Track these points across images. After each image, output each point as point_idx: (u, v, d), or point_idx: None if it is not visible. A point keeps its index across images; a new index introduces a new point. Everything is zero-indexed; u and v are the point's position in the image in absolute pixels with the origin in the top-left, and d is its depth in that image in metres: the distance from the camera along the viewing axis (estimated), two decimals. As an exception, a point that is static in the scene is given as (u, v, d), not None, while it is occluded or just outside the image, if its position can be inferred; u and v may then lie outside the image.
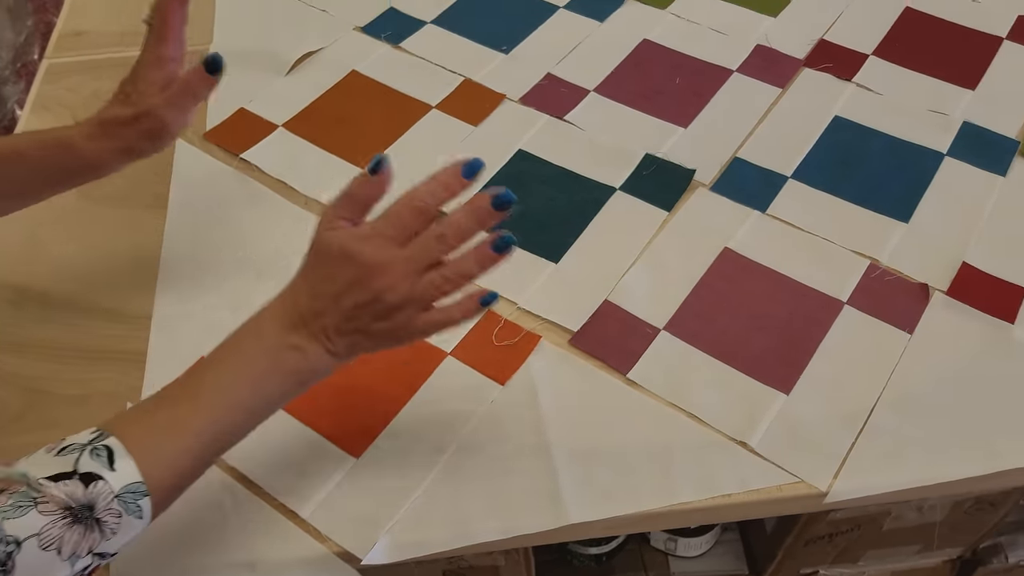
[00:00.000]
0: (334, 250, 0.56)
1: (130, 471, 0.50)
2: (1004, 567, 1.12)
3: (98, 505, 0.48)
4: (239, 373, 0.55)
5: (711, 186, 0.88)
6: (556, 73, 1.00)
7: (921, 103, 0.96)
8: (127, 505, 0.49)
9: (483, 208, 0.56)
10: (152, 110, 0.66)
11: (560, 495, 0.67)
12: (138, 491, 0.50)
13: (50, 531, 0.46)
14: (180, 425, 0.53)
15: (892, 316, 0.77)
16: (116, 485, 0.49)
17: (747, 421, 0.71)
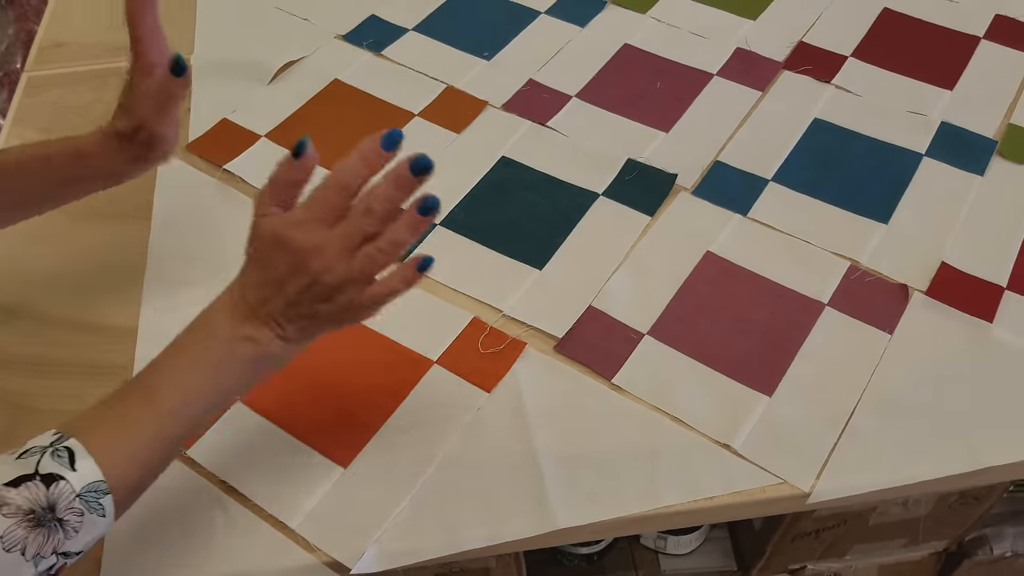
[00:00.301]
0: (267, 237, 0.56)
1: (91, 470, 0.50)
2: (989, 559, 1.13)
3: (59, 505, 0.49)
4: (195, 366, 0.56)
5: (693, 190, 0.89)
6: (538, 79, 1.01)
7: (900, 104, 0.97)
8: (89, 504, 0.50)
9: (403, 176, 0.56)
10: (146, 124, 0.67)
11: (547, 500, 0.67)
12: (99, 490, 0.50)
13: (13, 533, 0.47)
14: (139, 421, 0.54)
15: (872, 317, 0.78)
16: (77, 485, 0.50)
17: (730, 424, 0.71)
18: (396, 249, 0.57)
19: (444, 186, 0.89)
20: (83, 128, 0.94)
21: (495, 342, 0.77)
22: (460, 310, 0.80)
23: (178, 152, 0.94)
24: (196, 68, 1.03)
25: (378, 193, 0.57)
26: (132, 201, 0.89)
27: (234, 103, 0.99)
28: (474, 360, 0.76)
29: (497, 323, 0.79)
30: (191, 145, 0.94)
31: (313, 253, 0.55)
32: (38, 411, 0.74)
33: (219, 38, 1.07)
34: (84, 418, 0.54)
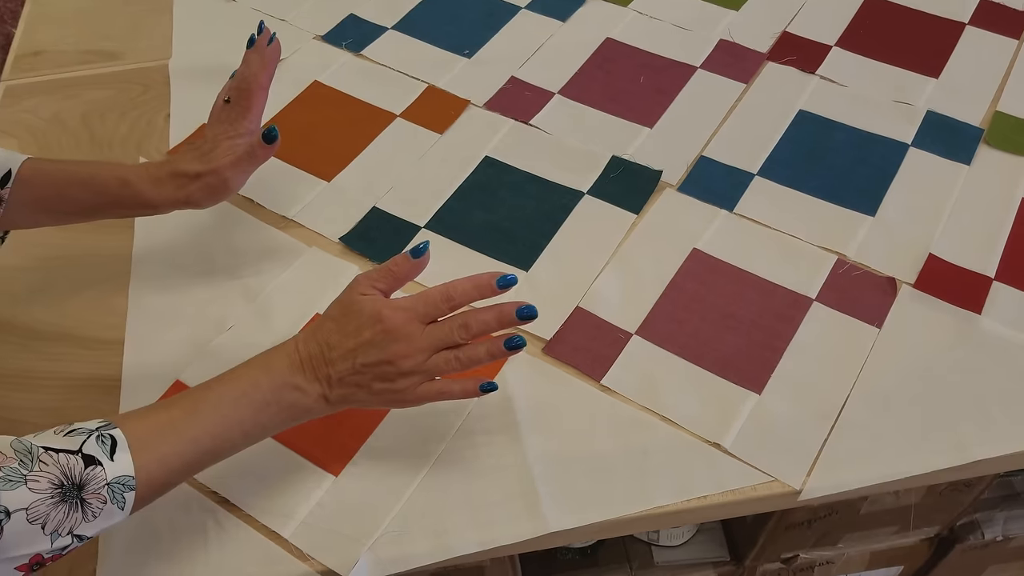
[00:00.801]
0: (366, 311, 0.61)
1: (126, 464, 0.54)
2: (980, 543, 1.14)
3: (88, 487, 0.52)
4: (242, 396, 0.59)
5: (678, 186, 0.89)
6: (520, 76, 1.00)
7: (885, 93, 0.97)
8: (114, 494, 0.53)
9: (508, 314, 0.63)
10: (220, 169, 0.73)
11: (539, 504, 0.67)
12: (127, 484, 0.53)
13: (38, 508, 0.49)
14: (179, 429, 0.57)
15: (861, 311, 0.78)
16: (110, 474, 0.53)
17: (720, 422, 0.71)
18: (470, 365, 0.63)
19: (427, 188, 0.89)
20: (63, 136, 0.95)
21: (483, 345, 0.77)
22: (447, 313, 0.79)
23: (158, 159, 0.92)
24: (174, 74, 1.02)
25: (480, 316, 0.63)
26: (113, 211, 0.88)
27: (214, 108, 0.98)
28: (463, 364, 0.76)
29: (485, 326, 0.78)
30: (172, 152, 0.93)
31: (401, 337, 0.61)
32: (26, 425, 0.73)
33: (197, 41, 1.06)
34: (129, 414, 0.57)
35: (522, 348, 0.64)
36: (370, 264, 0.83)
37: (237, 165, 0.74)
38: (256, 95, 0.76)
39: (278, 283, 0.82)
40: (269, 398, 0.60)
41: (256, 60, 0.76)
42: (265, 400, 0.60)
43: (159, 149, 0.94)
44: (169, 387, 0.75)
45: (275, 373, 0.61)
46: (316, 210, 0.88)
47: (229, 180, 0.73)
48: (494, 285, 0.64)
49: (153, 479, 0.55)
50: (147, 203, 0.72)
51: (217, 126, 0.75)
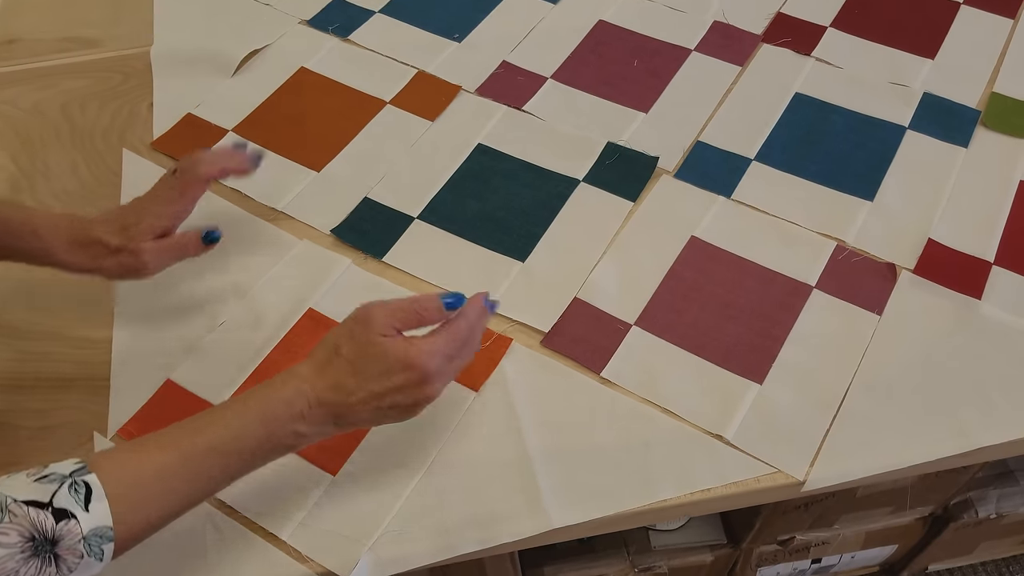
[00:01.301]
0: (392, 355, 0.58)
1: (103, 514, 0.50)
2: (974, 521, 1.15)
3: (63, 542, 0.49)
4: (237, 450, 0.56)
5: (675, 173, 0.87)
6: (512, 61, 0.98)
7: (881, 75, 0.95)
8: (91, 548, 0.50)
9: (486, 313, 0.65)
10: (139, 251, 0.69)
11: (541, 500, 0.66)
12: (105, 536, 0.50)
13: (6, 564, 0.46)
14: (164, 478, 0.54)
15: (861, 298, 0.77)
16: (86, 527, 0.49)
17: (722, 413, 0.71)
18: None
19: (419, 177, 0.88)
20: (44, 127, 0.92)
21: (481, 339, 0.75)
22: (443, 306, 0.78)
23: (143, 151, 0.91)
24: (156, 61, 0.99)
25: (477, 332, 0.63)
26: (97, 206, 0.86)
27: (198, 97, 0.95)
28: (460, 358, 0.75)
29: (482, 319, 0.77)
30: (156, 143, 0.91)
31: (436, 378, 0.60)
32: (13, 427, 0.72)
33: (179, 28, 1.04)
34: (111, 456, 0.54)
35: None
36: (362, 256, 0.82)
37: (161, 253, 0.71)
38: (196, 184, 0.72)
39: (269, 278, 0.80)
40: (266, 449, 0.57)
41: (221, 157, 0.74)
42: (262, 452, 0.57)
43: (143, 139, 0.91)
44: (159, 387, 0.73)
45: (275, 425, 0.57)
46: (306, 201, 0.86)
47: (148, 264, 0.70)
48: (490, 313, 0.65)
49: (133, 530, 0.52)
50: (55, 262, 0.69)
51: (150, 198, 0.72)
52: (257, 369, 0.74)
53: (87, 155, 0.90)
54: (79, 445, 0.70)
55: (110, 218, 0.70)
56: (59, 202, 0.86)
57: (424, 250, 0.82)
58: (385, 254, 0.82)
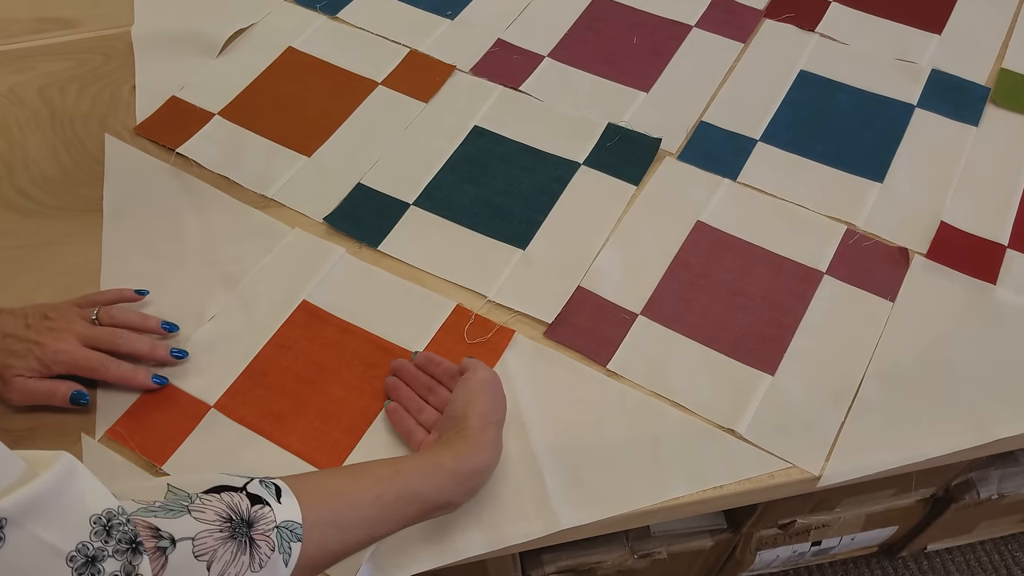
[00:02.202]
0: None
1: (293, 509, 0.50)
2: (975, 502, 1.14)
3: (257, 526, 0.47)
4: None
5: (678, 154, 0.84)
6: (507, 39, 0.95)
7: (888, 51, 0.93)
8: (282, 541, 0.48)
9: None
10: (10, 384, 0.67)
11: (548, 500, 0.64)
12: (295, 532, 0.49)
13: (205, 540, 0.45)
14: (358, 499, 0.54)
15: (873, 284, 0.75)
16: (279, 517, 0.48)
17: (734, 407, 0.68)
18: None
19: (414, 161, 0.84)
20: (20, 113, 0.88)
21: (481, 331, 0.73)
22: (441, 297, 0.75)
23: (126, 136, 0.87)
24: (138, 42, 0.95)
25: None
26: (79, 194, 0.83)
27: (182, 79, 0.91)
28: (461, 351, 0.72)
29: (482, 310, 0.74)
30: (139, 128, 0.87)
31: None
32: None
33: (161, 7, 0.99)
34: (300, 478, 0.54)
35: None
36: (357, 245, 0.79)
37: (28, 395, 0.67)
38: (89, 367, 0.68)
39: (260, 268, 0.77)
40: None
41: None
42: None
43: (125, 124, 0.88)
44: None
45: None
46: (297, 188, 0.83)
47: (12, 400, 0.67)
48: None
49: (323, 539, 0.51)
50: None
51: (37, 316, 0.68)
52: (249, 366, 0.71)
53: (67, 141, 0.87)
54: (66, 447, 0.67)
55: (7, 330, 0.67)
56: (40, 190, 0.83)
57: (421, 238, 0.79)
58: (380, 243, 0.79)
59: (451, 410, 0.63)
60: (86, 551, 0.40)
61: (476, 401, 0.62)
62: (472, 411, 0.61)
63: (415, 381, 0.69)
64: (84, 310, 0.71)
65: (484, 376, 0.64)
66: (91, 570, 0.40)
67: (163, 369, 0.71)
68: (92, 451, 0.67)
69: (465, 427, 0.60)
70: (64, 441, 0.68)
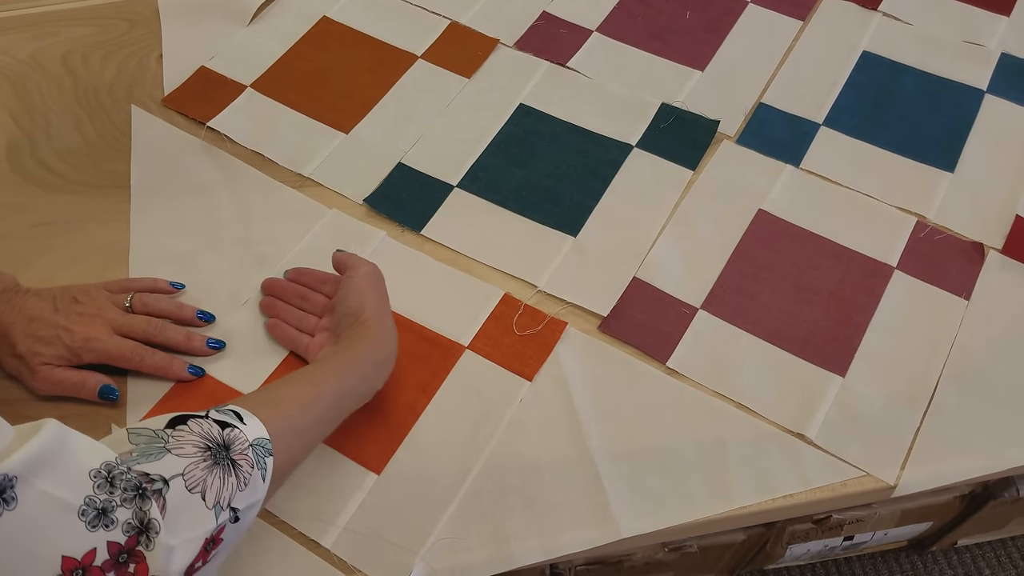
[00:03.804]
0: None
1: (258, 427, 0.50)
2: (1013, 498, 1.10)
3: (234, 447, 0.48)
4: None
5: (737, 138, 0.80)
6: (552, 11, 0.90)
7: (954, 33, 0.88)
8: (258, 457, 0.49)
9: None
10: (36, 372, 0.63)
11: (608, 507, 0.61)
12: (266, 447, 0.50)
13: (193, 472, 0.45)
14: (304, 403, 0.55)
15: (946, 280, 0.71)
16: (250, 435, 0.49)
17: (802, 409, 0.65)
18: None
19: (457, 140, 0.80)
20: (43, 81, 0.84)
21: (531, 322, 0.69)
22: (489, 285, 0.71)
23: (153, 107, 0.82)
24: (164, 8, 0.90)
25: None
26: (105, 168, 0.78)
27: (211, 48, 0.87)
28: (510, 344, 0.68)
29: (532, 300, 0.70)
30: (167, 99, 0.83)
31: None
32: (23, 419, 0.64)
33: (188, -29, 0.94)
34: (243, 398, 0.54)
35: None
36: (399, 228, 0.75)
37: (54, 385, 0.63)
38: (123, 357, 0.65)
39: (297, 251, 0.73)
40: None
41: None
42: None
43: (152, 95, 0.83)
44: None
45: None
46: (334, 166, 0.78)
47: (38, 389, 0.64)
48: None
49: (284, 448, 0.51)
50: None
51: (66, 299, 0.65)
52: (288, 356, 0.67)
53: (92, 111, 0.82)
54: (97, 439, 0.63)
55: (28, 329, 0.63)
56: (63, 163, 0.78)
57: (465, 222, 0.75)
58: (423, 226, 0.75)
59: (344, 308, 0.63)
60: (94, 504, 0.40)
61: (367, 294, 0.63)
62: (367, 304, 0.63)
63: (288, 293, 0.69)
64: (116, 296, 0.67)
65: (368, 270, 0.65)
66: (104, 521, 0.40)
67: (198, 359, 0.67)
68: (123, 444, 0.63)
69: (364, 319, 0.62)
70: (94, 433, 0.63)
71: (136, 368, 0.65)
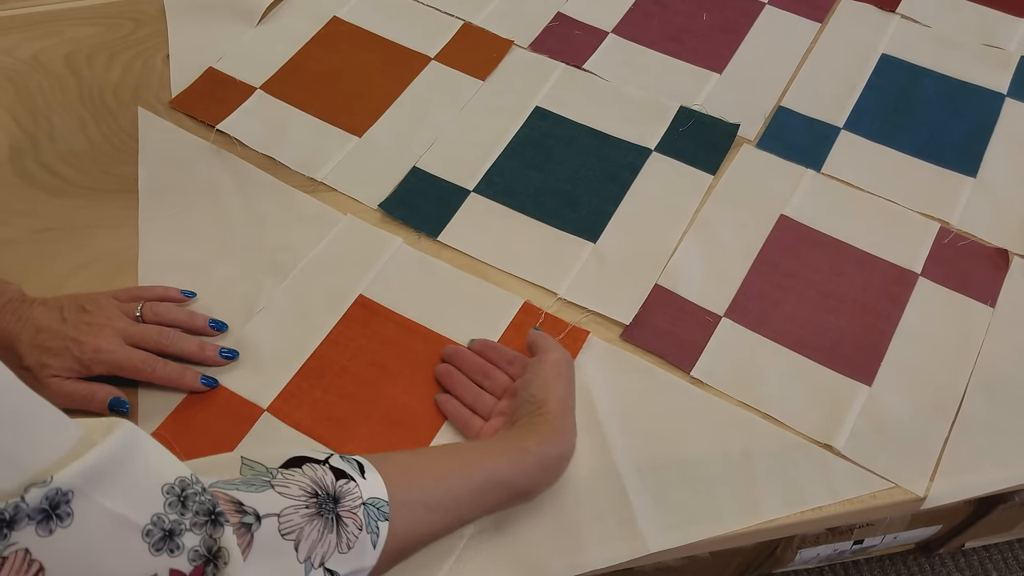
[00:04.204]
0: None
1: (378, 485, 0.46)
2: (1023, 501, 1.10)
3: (344, 502, 0.44)
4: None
5: (757, 142, 0.79)
6: (567, 12, 0.89)
7: (973, 36, 0.87)
8: (369, 520, 0.44)
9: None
10: (45, 383, 0.61)
11: (634, 521, 0.59)
12: (382, 510, 0.45)
13: (291, 517, 0.41)
14: (446, 478, 0.51)
15: (971, 287, 0.70)
16: (365, 492, 0.45)
17: (829, 419, 0.64)
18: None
19: (472, 144, 0.79)
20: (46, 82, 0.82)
21: (553, 331, 0.68)
22: (508, 293, 0.70)
23: (160, 110, 0.81)
24: (170, 7, 0.88)
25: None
26: (111, 172, 0.76)
27: (219, 49, 0.85)
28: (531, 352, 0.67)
29: (552, 308, 0.69)
30: (175, 101, 0.81)
31: None
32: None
33: (194, -31, 0.92)
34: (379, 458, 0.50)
35: None
36: (415, 235, 0.73)
37: (63, 398, 0.61)
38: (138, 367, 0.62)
39: (312, 258, 0.71)
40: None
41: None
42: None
43: (159, 97, 0.81)
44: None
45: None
46: (348, 171, 0.77)
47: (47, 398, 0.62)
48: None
49: (407, 517, 0.47)
50: None
51: (73, 309, 0.62)
52: (305, 366, 0.66)
53: (97, 114, 0.80)
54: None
55: (33, 341, 0.61)
56: (68, 167, 0.76)
57: (483, 228, 0.74)
58: (440, 232, 0.73)
59: (527, 394, 0.59)
60: (162, 523, 0.36)
61: (554, 384, 0.59)
62: (551, 394, 0.59)
63: (470, 367, 0.65)
64: (125, 304, 0.65)
65: (559, 358, 0.61)
66: (169, 545, 0.36)
67: (211, 369, 0.65)
68: (136, 456, 0.62)
69: (546, 411, 0.58)
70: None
71: (147, 379, 0.63)
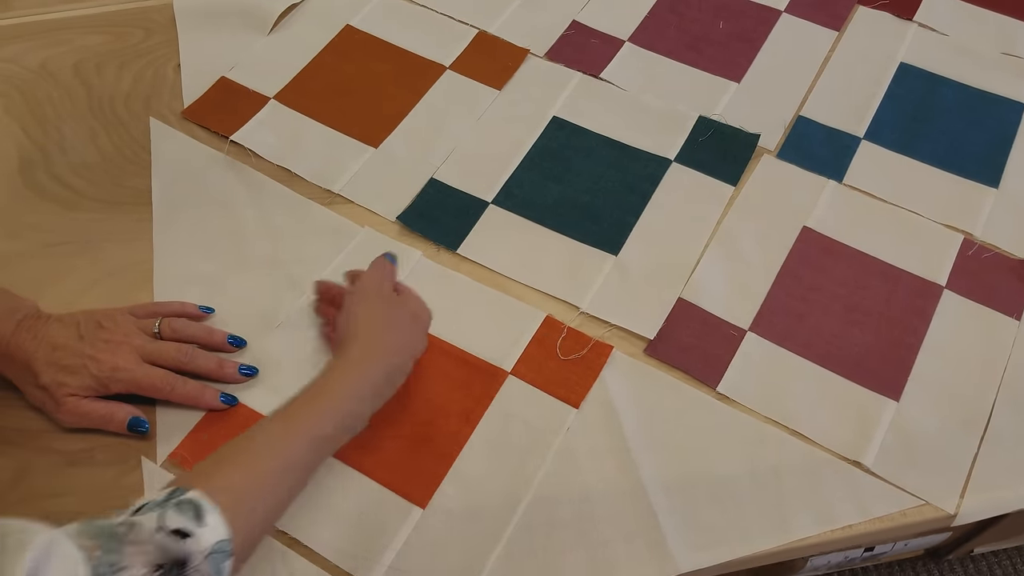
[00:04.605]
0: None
1: (219, 526, 0.46)
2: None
3: (190, 563, 0.44)
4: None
5: (777, 152, 0.78)
6: (583, 20, 0.88)
7: (991, 45, 0.86)
8: (215, 563, 0.45)
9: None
10: (62, 403, 0.61)
11: (663, 541, 0.59)
12: (224, 549, 0.46)
13: None
14: (274, 486, 0.52)
15: (996, 300, 0.69)
16: (206, 541, 0.45)
17: (858, 435, 0.63)
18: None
19: (490, 154, 0.78)
20: (55, 91, 0.80)
21: (576, 346, 0.67)
22: (530, 307, 0.69)
23: (173, 120, 0.79)
24: (181, 15, 0.87)
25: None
26: (124, 184, 0.75)
27: (231, 58, 0.84)
28: (554, 368, 0.66)
29: (575, 323, 0.68)
30: (187, 111, 0.80)
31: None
32: (48, 452, 0.62)
33: (204, -23, 0.91)
34: (200, 470, 0.51)
35: None
36: (434, 248, 0.72)
37: (81, 418, 0.61)
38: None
39: (330, 271, 0.70)
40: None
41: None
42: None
43: (171, 107, 0.80)
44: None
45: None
46: (365, 182, 0.76)
47: (60, 420, 0.62)
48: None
49: (249, 534, 0.49)
50: None
51: (90, 325, 0.62)
52: (326, 382, 0.65)
53: (107, 124, 0.79)
54: (124, 472, 0.61)
55: (49, 358, 0.60)
56: (80, 179, 0.75)
57: (503, 240, 0.73)
58: (459, 245, 0.72)
59: (339, 330, 0.61)
60: None
61: (355, 310, 0.60)
62: (351, 320, 0.60)
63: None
64: (143, 321, 0.64)
65: (359, 286, 0.62)
66: None
67: (230, 387, 0.64)
68: (154, 477, 0.61)
69: (353, 335, 0.59)
70: (123, 465, 0.61)
71: (166, 398, 0.62)
